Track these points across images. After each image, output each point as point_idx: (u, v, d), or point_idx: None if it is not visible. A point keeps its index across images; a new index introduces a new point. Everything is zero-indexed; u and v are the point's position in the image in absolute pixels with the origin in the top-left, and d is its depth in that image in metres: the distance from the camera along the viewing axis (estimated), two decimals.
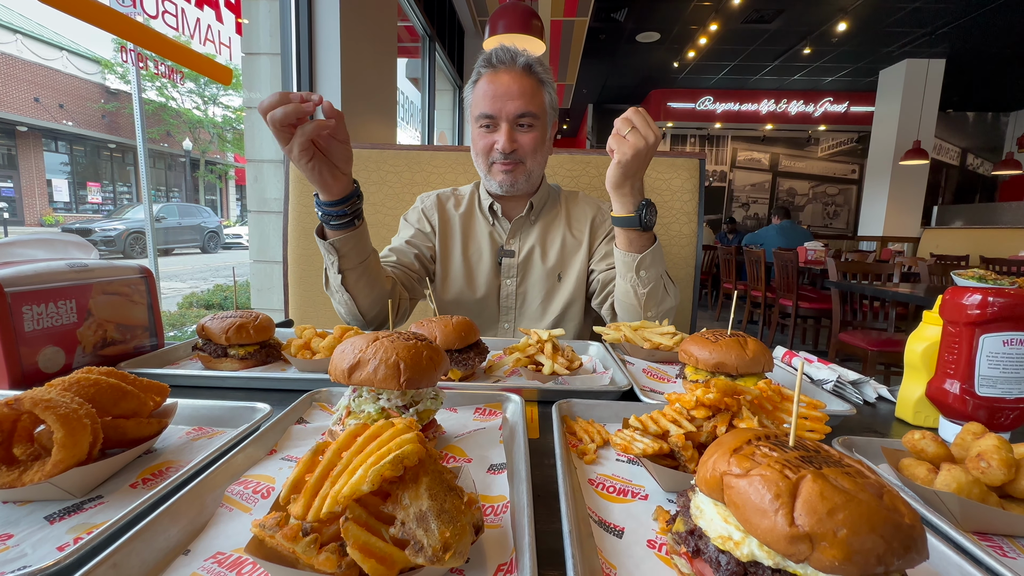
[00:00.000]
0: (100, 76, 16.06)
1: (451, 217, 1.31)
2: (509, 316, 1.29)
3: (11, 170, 14.42)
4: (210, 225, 13.51)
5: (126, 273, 0.81)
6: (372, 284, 1.05)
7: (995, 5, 6.00)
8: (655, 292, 1.05)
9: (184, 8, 1.54)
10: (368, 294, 1.05)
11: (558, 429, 0.56)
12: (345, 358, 0.51)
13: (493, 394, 0.67)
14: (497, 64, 1.14)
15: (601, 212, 1.32)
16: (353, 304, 1.04)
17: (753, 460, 0.32)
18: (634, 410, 0.64)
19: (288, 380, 0.75)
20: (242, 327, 0.82)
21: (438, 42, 4.78)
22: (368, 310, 1.07)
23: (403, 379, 0.49)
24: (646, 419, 0.52)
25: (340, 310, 1.09)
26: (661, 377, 0.86)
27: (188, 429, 0.59)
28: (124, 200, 17.46)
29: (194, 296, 3.17)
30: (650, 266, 1.02)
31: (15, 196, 14.57)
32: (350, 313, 1.07)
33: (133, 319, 0.83)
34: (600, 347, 0.99)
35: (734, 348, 0.71)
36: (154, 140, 17.24)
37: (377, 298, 1.07)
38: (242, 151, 4.59)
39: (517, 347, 0.81)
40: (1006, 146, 10.38)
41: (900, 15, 6.32)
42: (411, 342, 0.52)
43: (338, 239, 0.97)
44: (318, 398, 0.66)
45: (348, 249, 0.98)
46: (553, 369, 0.76)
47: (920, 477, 0.46)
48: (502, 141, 1.13)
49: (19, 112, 13.96)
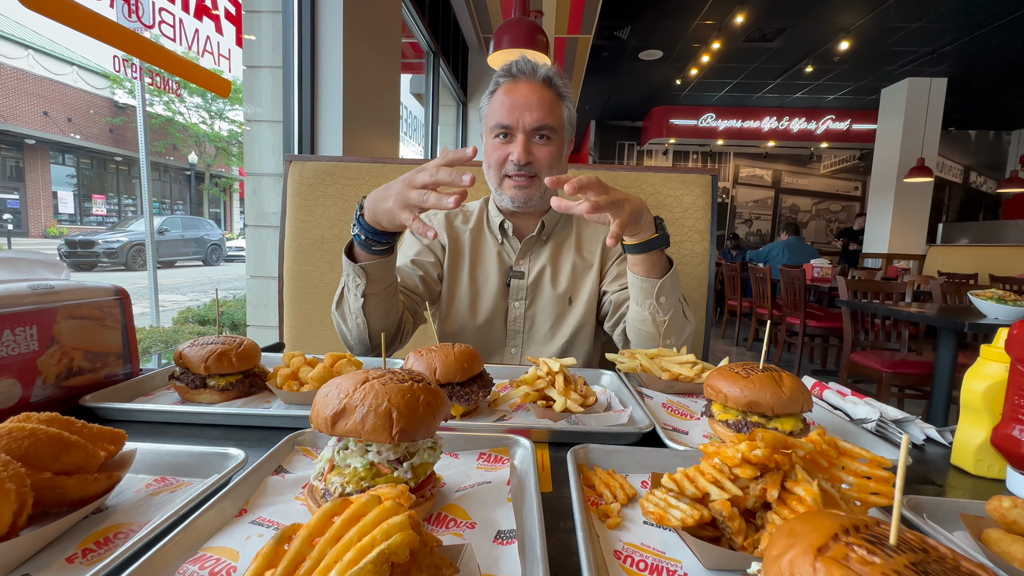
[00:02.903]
0: (109, 91, 16.29)
1: (460, 234, 1.25)
2: (517, 340, 1.22)
3: (18, 182, 14.53)
4: (213, 238, 13.52)
5: (98, 295, 0.75)
6: (389, 311, 1.01)
7: (996, 25, 6.03)
8: (676, 319, 0.98)
9: (182, 19, 1.51)
10: (383, 320, 1.00)
11: (575, 483, 0.49)
12: (328, 403, 0.43)
13: (500, 437, 0.60)
14: (517, 74, 1.09)
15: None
16: (365, 329, 0.99)
17: (849, 568, 0.24)
18: (660, 459, 0.56)
19: (270, 417, 0.67)
20: (223, 355, 0.75)
21: (442, 58, 4.80)
22: (376, 336, 1.02)
23: (396, 430, 0.41)
24: (681, 478, 0.44)
25: (345, 334, 1.03)
26: (683, 414, 0.78)
27: (149, 480, 0.51)
28: (129, 212, 17.54)
29: (190, 311, 3.10)
30: (670, 291, 0.96)
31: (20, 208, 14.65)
32: (358, 338, 1.01)
33: (104, 345, 0.76)
34: (613, 377, 0.92)
35: (768, 385, 0.64)
36: (160, 153, 17.40)
37: (389, 324, 1.03)
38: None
39: (525, 379, 0.73)
40: (1009, 164, 10.36)
41: (902, 34, 6.36)
42: (406, 384, 0.44)
43: (371, 263, 0.92)
44: (301, 441, 0.58)
45: (379, 274, 0.93)
46: (566, 406, 0.68)
47: (1020, 559, 0.38)
48: (517, 152, 1.07)
49: (28, 125, 14.12)
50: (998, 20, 5.91)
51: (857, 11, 5.78)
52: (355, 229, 0.88)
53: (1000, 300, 2.32)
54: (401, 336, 1.09)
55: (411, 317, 1.12)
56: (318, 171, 1.54)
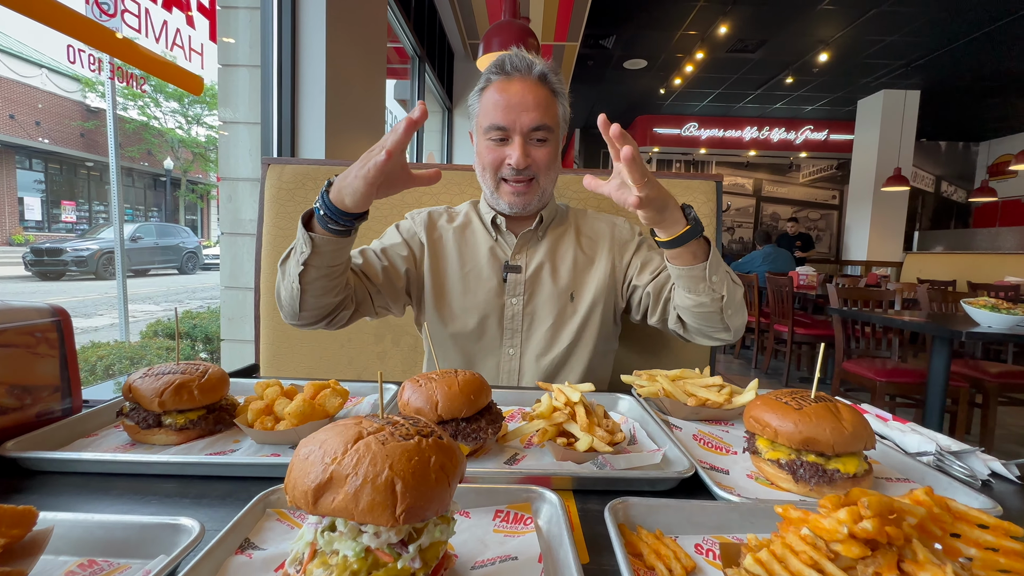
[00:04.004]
0: (80, 94, 15.74)
1: (443, 232, 1.17)
2: (515, 340, 1.12)
3: None
4: (189, 245, 13.11)
5: (28, 317, 0.62)
6: (328, 291, 0.94)
7: (965, 40, 6.24)
8: (731, 289, 0.91)
9: (149, 8, 1.38)
10: (319, 297, 0.94)
11: (621, 555, 0.39)
12: (309, 471, 0.33)
13: (519, 490, 0.49)
14: (511, 71, 1.01)
15: (618, 227, 1.20)
16: (298, 297, 0.92)
17: None
18: (715, 515, 0.47)
19: (238, 466, 0.56)
20: (182, 388, 0.63)
21: (428, 63, 4.71)
22: (308, 313, 0.96)
23: (400, 510, 0.31)
24: (769, 559, 0.34)
25: (280, 292, 0.96)
26: (717, 447, 0.69)
27: (72, 565, 0.39)
28: (100, 219, 16.90)
29: (160, 324, 2.91)
30: (717, 266, 0.89)
31: None
32: (288, 303, 0.95)
33: (36, 377, 0.63)
34: (632, 403, 0.82)
35: (827, 419, 0.55)
36: (134, 159, 16.85)
37: (324, 306, 0.96)
38: None
39: (541, 413, 0.63)
40: (978, 174, 10.75)
41: (877, 48, 6.54)
42: (411, 442, 0.34)
43: (321, 237, 0.85)
44: (275, 501, 0.47)
45: (327, 250, 0.87)
46: (591, 445, 0.58)
47: None
48: (516, 156, 1.00)
49: None
50: (967, 36, 6.12)
51: (836, 24, 5.92)
52: (317, 202, 0.84)
53: (994, 308, 2.31)
54: (332, 319, 1.01)
55: (353, 304, 1.03)
56: (298, 174, 1.42)
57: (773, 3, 5.44)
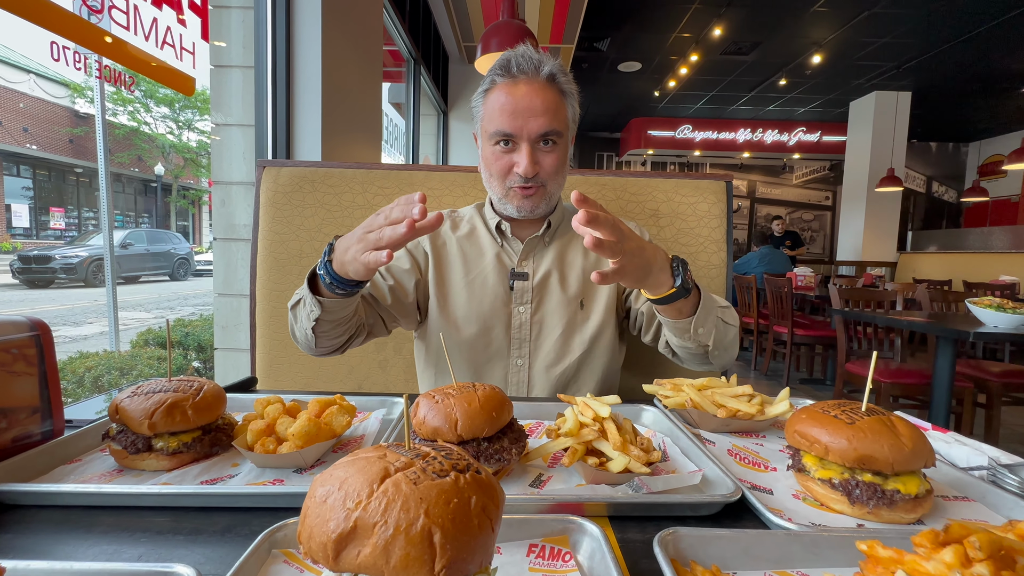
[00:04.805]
0: (69, 100, 15.55)
1: (447, 240, 1.13)
2: (523, 350, 1.07)
3: None
4: (180, 252, 12.95)
5: (4, 332, 0.56)
6: (341, 333, 0.94)
7: (956, 42, 6.30)
8: (719, 336, 0.88)
9: (138, 5, 1.32)
10: (333, 340, 0.94)
11: None
12: (329, 518, 0.27)
13: (554, 520, 0.44)
14: (517, 74, 0.96)
15: None
16: (313, 342, 0.92)
17: None
18: (775, 547, 0.42)
19: (238, 496, 0.50)
20: (174, 408, 0.57)
21: (423, 66, 4.67)
22: (324, 349, 0.96)
23: (440, 566, 0.26)
24: None
25: (295, 334, 0.95)
26: (755, 463, 0.64)
27: None
28: (90, 226, 16.67)
29: (151, 332, 2.83)
30: (705, 319, 0.84)
31: None
32: (305, 344, 0.94)
33: (13, 398, 0.57)
34: (657, 415, 0.78)
35: (883, 434, 0.51)
36: (124, 164, 16.66)
37: (339, 341, 0.96)
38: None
39: (570, 431, 0.58)
40: (968, 174, 10.86)
41: (869, 49, 6.58)
42: (447, 480, 0.29)
43: (330, 300, 0.84)
44: (281, 540, 0.41)
45: (336, 307, 0.85)
46: (627, 466, 0.53)
47: None
48: (524, 164, 0.95)
49: None
50: (958, 37, 6.18)
51: (828, 26, 5.96)
52: (320, 269, 0.79)
53: (999, 308, 2.29)
54: (346, 347, 1.00)
55: (366, 330, 1.02)
56: (295, 177, 1.37)
57: (767, 6, 5.47)
